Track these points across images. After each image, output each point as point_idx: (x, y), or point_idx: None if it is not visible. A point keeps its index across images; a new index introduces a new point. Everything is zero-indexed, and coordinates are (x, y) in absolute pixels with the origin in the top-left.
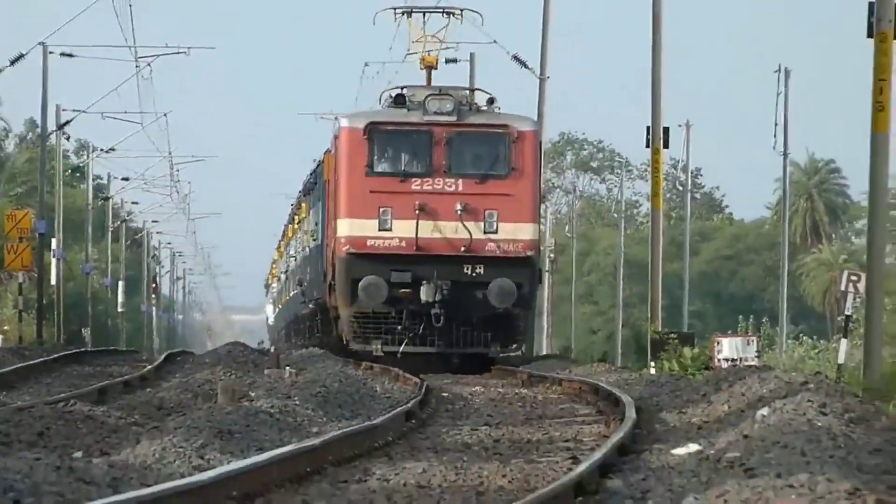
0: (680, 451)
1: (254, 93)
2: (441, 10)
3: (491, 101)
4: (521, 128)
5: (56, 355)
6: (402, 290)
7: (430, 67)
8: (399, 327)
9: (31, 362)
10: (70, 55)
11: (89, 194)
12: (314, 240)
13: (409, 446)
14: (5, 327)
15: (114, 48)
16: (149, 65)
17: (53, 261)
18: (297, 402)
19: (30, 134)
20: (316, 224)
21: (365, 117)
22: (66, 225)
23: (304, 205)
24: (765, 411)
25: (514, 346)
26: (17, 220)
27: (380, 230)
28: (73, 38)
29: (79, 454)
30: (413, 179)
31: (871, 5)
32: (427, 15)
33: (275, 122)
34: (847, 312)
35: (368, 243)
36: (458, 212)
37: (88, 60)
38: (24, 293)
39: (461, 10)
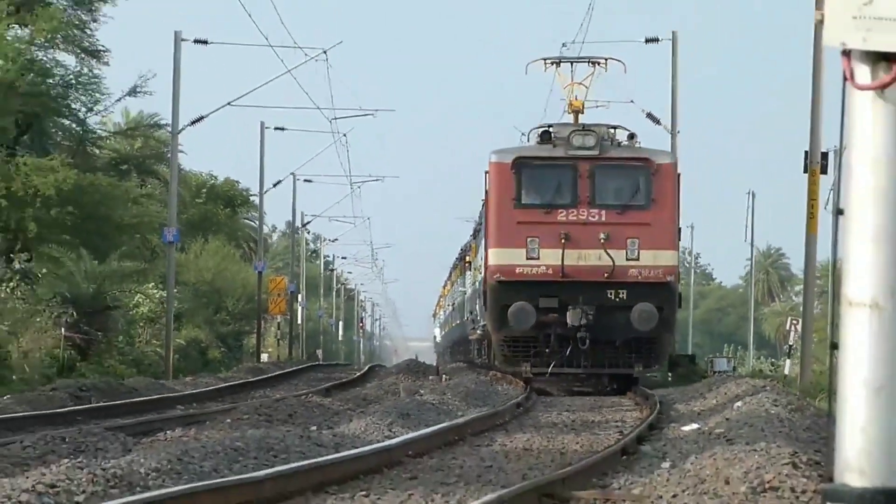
0: (686, 428)
1: (428, 204)
2: (587, 60)
3: (631, 136)
4: (659, 161)
5: (300, 366)
6: (550, 314)
7: (576, 112)
8: (547, 350)
9: (286, 370)
10: (310, 181)
11: (321, 267)
12: (481, 274)
13: (518, 424)
14: (270, 349)
15: (337, 176)
16: (359, 186)
17: (299, 308)
18: (449, 397)
19: (286, 229)
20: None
21: (513, 153)
22: (307, 286)
23: (473, 245)
24: (740, 403)
25: (657, 366)
26: (277, 283)
27: (527, 259)
28: (312, 170)
29: (314, 428)
30: (558, 210)
31: (805, 153)
32: (574, 64)
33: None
34: (790, 343)
35: (517, 271)
36: (602, 240)
37: (321, 185)
38: (280, 328)
39: (605, 60)
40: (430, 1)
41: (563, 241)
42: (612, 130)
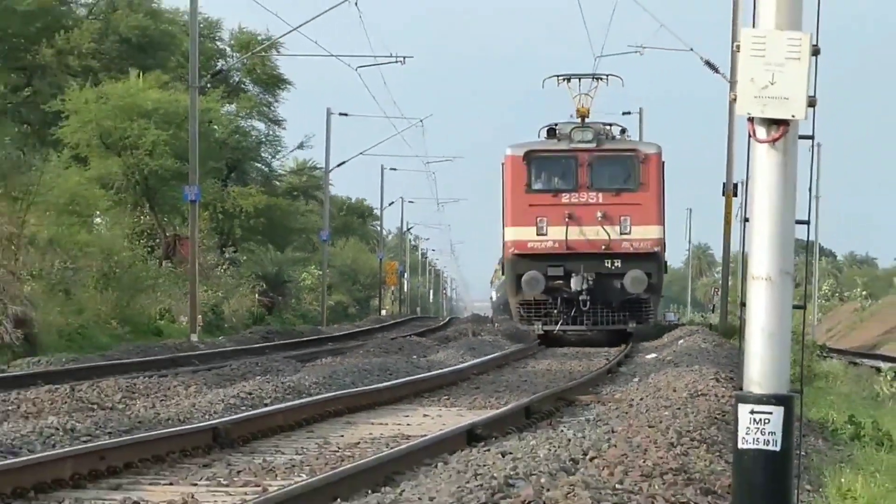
0: (648, 356)
1: (490, 214)
2: (592, 76)
3: (623, 130)
4: (647, 151)
5: (406, 318)
6: (556, 281)
7: (583, 116)
8: (555, 311)
9: (397, 321)
10: (412, 202)
11: (419, 256)
12: None
13: (542, 355)
14: (387, 307)
15: (429, 199)
16: (443, 204)
17: (405, 281)
18: (500, 337)
19: (397, 232)
20: None
21: (524, 147)
22: (410, 268)
23: None
24: (682, 341)
25: (648, 323)
26: (392, 266)
27: (537, 235)
28: (413, 194)
29: (415, 356)
30: (563, 194)
31: (723, 183)
32: (581, 80)
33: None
34: (714, 303)
35: (529, 245)
36: (599, 218)
37: (419, 204)
38: (393, 294)
39: (607, 76)
40: (489, 79)
41: (566, 219)
42: (607, 127)
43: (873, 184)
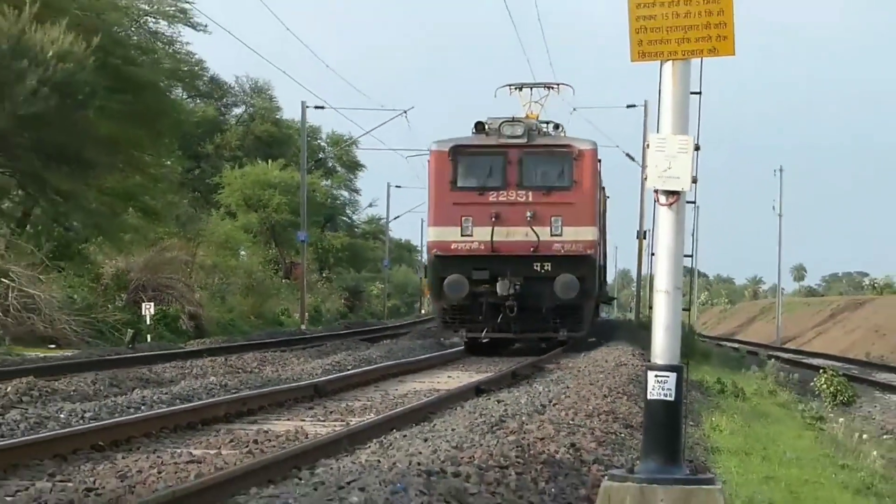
0: (590, 340)
1: None
2: (543, 85)
3: (556, 126)
4: (581, 147)
5: (429, 318)
6: (482, 285)
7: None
8: (480, 317)
9: (432, 317)
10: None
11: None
12: None
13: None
14: (425, 308)
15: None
16: None
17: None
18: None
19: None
20: None
21: (450, 142)
22: None
23: None
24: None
25: (581, 331)
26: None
27: (462, 236)
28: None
29: (442, 339)
30: (490, 192)
31: (637, 231)
32: (532, 88)
33: None
34: (633, 305)
35: (452, 247)
36: (528, 218)
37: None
38: (429, 300)
39: (557, 85)
40: None
41: (493, 219)
42: (541, 123)
43: (732, 230)
